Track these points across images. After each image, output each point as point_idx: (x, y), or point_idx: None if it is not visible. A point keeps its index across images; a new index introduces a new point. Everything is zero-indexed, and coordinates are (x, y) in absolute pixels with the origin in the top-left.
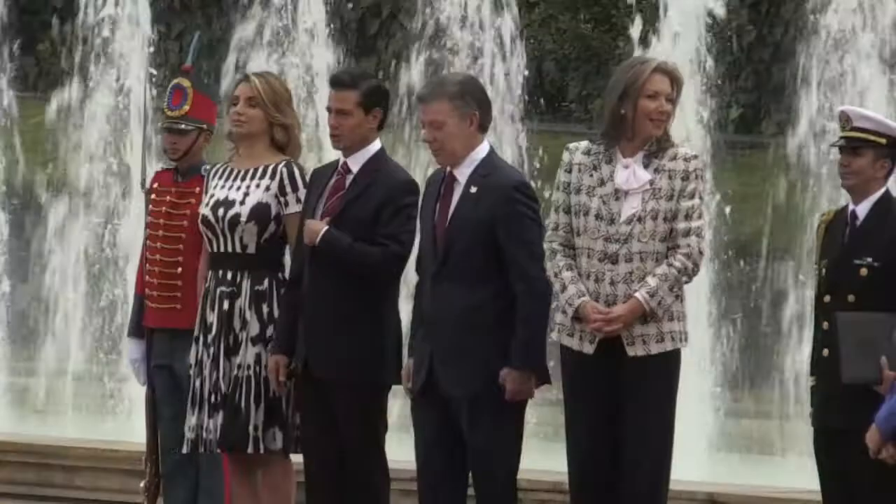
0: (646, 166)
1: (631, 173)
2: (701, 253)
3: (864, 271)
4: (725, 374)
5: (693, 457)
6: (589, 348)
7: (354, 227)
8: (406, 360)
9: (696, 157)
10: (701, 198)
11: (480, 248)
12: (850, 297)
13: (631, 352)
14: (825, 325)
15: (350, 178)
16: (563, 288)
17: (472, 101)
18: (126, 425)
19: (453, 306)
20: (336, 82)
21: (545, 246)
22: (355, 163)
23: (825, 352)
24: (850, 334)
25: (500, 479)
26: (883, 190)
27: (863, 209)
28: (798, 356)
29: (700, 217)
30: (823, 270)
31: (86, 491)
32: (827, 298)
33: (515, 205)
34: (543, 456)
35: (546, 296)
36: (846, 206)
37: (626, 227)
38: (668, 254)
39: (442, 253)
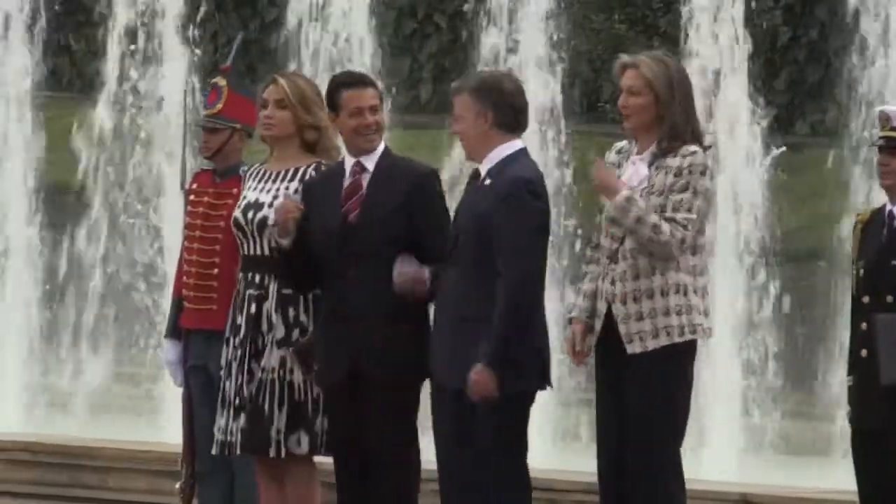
0: (652, 164)
1: (635, 170)
2: (675, 236)
3: None
4: (758, 373)
5: (726, 457)
6: (592, 340)
7: (384, 223)
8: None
9: (694, 152)
10: (696, 192)
11: (481, 238)
12: (889, 298)
13: (630, 349)
14: (863, 325)
15: (367, 176)
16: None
17: (487, 100)
18: (158, 426)
19: (452, 295)
20: (362, 81)
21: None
22: (369, 161)
23: (863, 352)
24: (889, 335)
25: (503, 476)
26: None
27: None
28: (833, 356)
29: (690, 210)
30: (861, 271)
31: (117, 492)
32: (865, 299)
33: (518, 197)
34: (578, 457)
35: (525, 290)
36: (883, 206)
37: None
38: None
39: (450, 243)
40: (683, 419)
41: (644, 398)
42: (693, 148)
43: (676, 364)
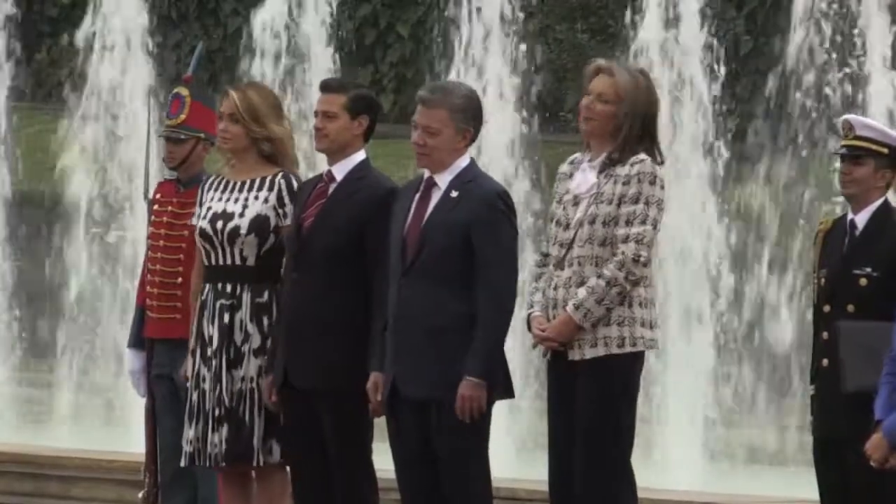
0: (601, 172)
1: (584, 177)
2: (636, 260)
3: (863, 281)
4: (721, 383)
5: (689, 466)
6: (547, 353)
7: (335, 232)
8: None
9: (642, 160)
10: (648, 203)
11: (455, 250)
12: (850, 307)
13: (570, 356)
14: (825, 334)
15: (333, 185)
16: (532, 303)
17: (472, 118)
18: (123, 436)
19: (420, 306)
20: (324, 87)
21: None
22: (340, 171)
23: (825, 361)
24: (852, 343)
25: (471, 487)
26: (882, 199)
27: (862, 218)
28: (793, 366)
29: (644, 223)
30: (822, 280)
31: (82, 502)
32: (826, 308)
33: (496, 212)
34: (540, 465)
35: (507, 305)
36: (844, 216)
37: (571, 231)
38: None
39: (413, 253)
40: (627, 427)
41: (585, 408)
42: (641, 157)
43: (615, 375)
